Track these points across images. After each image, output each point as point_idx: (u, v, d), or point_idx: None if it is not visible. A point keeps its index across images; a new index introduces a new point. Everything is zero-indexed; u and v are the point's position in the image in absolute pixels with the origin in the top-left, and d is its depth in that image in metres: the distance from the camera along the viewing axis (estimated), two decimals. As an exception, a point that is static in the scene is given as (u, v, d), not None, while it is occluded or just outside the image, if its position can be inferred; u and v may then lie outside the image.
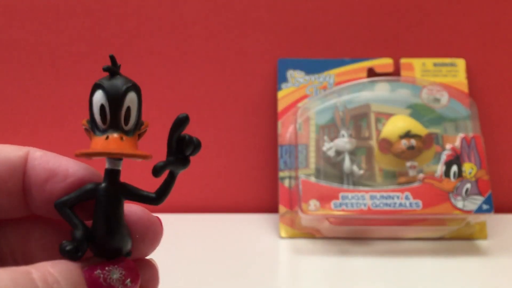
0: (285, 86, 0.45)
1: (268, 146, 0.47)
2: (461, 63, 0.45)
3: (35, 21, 0.47)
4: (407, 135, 0.40)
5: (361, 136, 0.42)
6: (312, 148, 0.42)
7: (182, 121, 0.16)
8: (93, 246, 0.16)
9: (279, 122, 0.44)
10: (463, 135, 0.40)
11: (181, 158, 0.17)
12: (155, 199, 0.17)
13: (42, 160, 0.17)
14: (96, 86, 0.16)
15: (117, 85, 0.16)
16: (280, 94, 0.45)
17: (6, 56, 0.47)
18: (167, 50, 0.47)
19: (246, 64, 0.47)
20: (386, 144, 0.40)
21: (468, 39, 0.47)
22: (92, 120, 0.16)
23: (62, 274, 0.15)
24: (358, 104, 0.43)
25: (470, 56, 0.46)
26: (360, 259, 0.37)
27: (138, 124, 0.17)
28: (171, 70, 0.47)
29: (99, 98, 0.16)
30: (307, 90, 0.45)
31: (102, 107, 0.16)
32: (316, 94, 0.44)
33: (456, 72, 0.45)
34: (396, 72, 0.46)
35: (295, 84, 0.45)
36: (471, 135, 0.40)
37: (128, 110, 0.16)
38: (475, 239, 0.41)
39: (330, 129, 0.42)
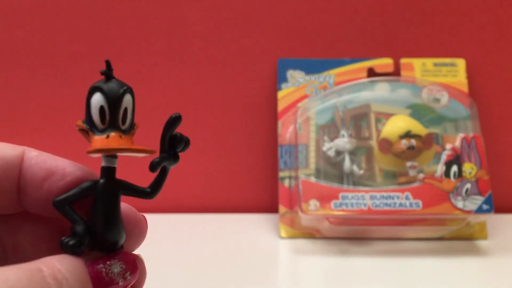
0: (285, 86, 0.45)
1: (268, 146, 0.47)
2: (461, 63, 0.45)
3: (34, 21, 0.47)
4: (407, 135, 0.40)
5: (361, 136, 0.42)
6: (312, 148, 0.42)
7: (175, 120, 0.18)
8: (92, 240, 0.17)
9: (279, 122, 0.44)
10: (463, 135, 0.40)
11: (172, 154, 0.18)
12: (150, 193, 0.18)
13: (38, 159, 0.18)
14: (95, 88, 0.17)
15: (115, 87, 0.17)
16: (280, 94, 0.45)
17: (5, 57, 0.47)
18: (167, 50, 0.47)
19: (246, 64, 0.47)
20: (386, 144, 0.40)
21: (468, 39, 0.47)
22: (90, 121, 0.17)
23: (69, 270, 0.15)
24: (358, 104, 0.43)
25: (470, 56, 0.46)
26: (360, 259, 0.37)
27: (132, 124, 0.18)
28: (171, 70, 0.47)
29: (99, 100, 0.17)
30: (307, 90, 0.45)
31: (102, 108, 0.17)
32: (316, 94, 0.44)
33: (456, 72, 0.45)
34: (396, 72, 0.46)
35: (295, 84, 0.45)
36: (471, 135, 0.40)
37: (125, 111, 0.17)
38: (475, 239, 0.41)
39: (330, 129, 0.42)
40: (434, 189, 0.38)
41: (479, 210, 0.37)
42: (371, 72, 0.45)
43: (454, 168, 0.38)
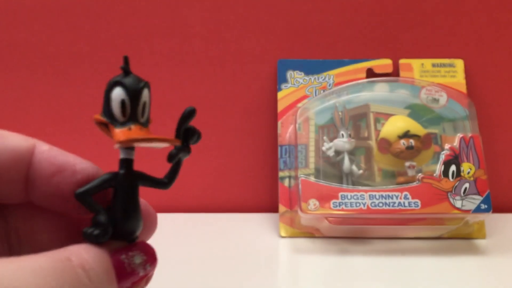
0: (285, 86, 0.45)
1: (268, 146, 0.47)
2: (459, 63, 0.46)
3: (35, 21, 0.47)
4: (406, 135, 0.40)
5: (360, 136, 0.42)
6: (312, 148, 0.42)
7: (190, 113, 0.19)
8: (113, 229, 0.18)
9: (279, 122, 0.45)
10: (461, 135, 0.40)
11: (186, 146, 0.19)
12: (166, 183, 0.19)
13: (49, 154, 0.18)
14: (116, 83, 0.18)
15: (134, 82, 0.18)
16: (280, 94, 0.45)
17: (5, 57, 0.47)
18: (167, 50, 0.47)
19: (246, 65, 0.47)
20: (385, 144, 0.40)
21: (466, 40, 0.47)
22: (110, 114, 0.17)
23: (96, 260, 0.16)
24: (358, 105, 0.43)
25: (468, 57, 0.46)
26: (360, 258, 0.38)
27: (149, 117, 0.19)
28: (171, 70, 0.47)
29: (120, 93, 0.17)
30: (307, 91, 0.45)
31: (123, 102, 0.17)
32: (316, 95, 0.45)
33: (455, 73, 0.45)
34: (395, 72, 0.46)
35: (295, 85, 0.45)
36: (470, 135, 0.40)
37: (144, 104, 0.18)
38: (473, 239, 0.41)
39: (330, 129, 0.42)
40: (432, 188, 0.38)
41: (478, 210, 0.37)
42: (370, 73, 0.46)
43: (453, 168, 0.39)
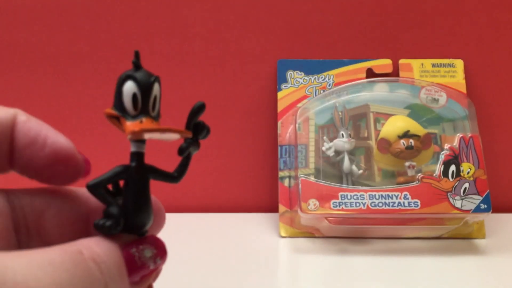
0: (284, 86, 0.45)
1: (268, 146, 0.47)
2: (459, 63, 0.46)
3: (35, 21, 0.47)
4: (406, 135, 0.40)
5: (360, 136, 0.42)
6: (312, 148, 0.42)
7: (199, 108, 0.19)
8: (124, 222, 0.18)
9: (279, 122, 0.45)
10: (461, 135, 0.40)
11: (195, 140, 0.19)
12: (176, 177, 0.19)
13: (25, 126, 0.18)
14: (127, 77, 0.18)
15: (145, 76, 0.18)
16: (280, 94, 0.45)
17: (5, 57, 0.47)
18: (167, 50, 0.47)
19: (246, 65, 0.47)
20: (385, 144, 0.40)
21: (466, 40, 0.47)
22: (122, 108, 0.18)
23: (106, 254, 0.16)
24: (357, 105, 0.43)
25: (468, 57, 0.46)
26: (359, 258, 0.38)
27: (159, 111, 0.19)
28: (171, 70, 0.47)
29: (132, 87, 0.18)
30: (307, 91, 0.45)
31: (135, 95, 0.18)
32: (316, 95, 0.45)
33: (454, 73, 0.45)
34: (395, 72, 0.46)
35: (295, 85, 0.45)
36: (469, 135, 0.40)
37: (154, 98, 0.18)
38: (473, 238, 0.41)
39: (330, 129, 0.42)
40: (432, 188, 0.38)
41: (477, 210, 0.37)
42: (370, 73, 0.46)
43: (452, 168, 0.39)
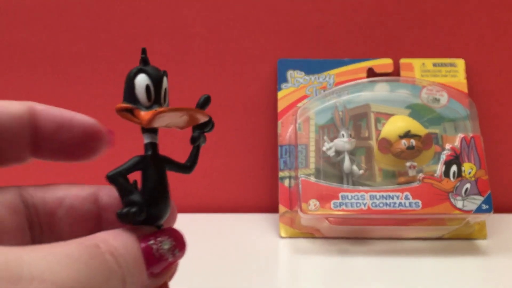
0: (285, 86, 0.45)
1: (268, 146, 0.47)
2: (460, 63, 0.45)
3: (34, 21, 0.47)
4: (407, 135, 0.40)
5: (360, 136, 0.42)
6: (312, 148, 0.42)
7: (205, 100, 0.20)
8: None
9: (279, 122, 0.44)
10: (462, 135, 0.40)
11: (202, 133, 0.20)
12: (189, 167, 0.20)
13: (47, 113, 0.19)
14: (139, 70, 0.18)
15: (155, 70, 0.19)
16: (280, 94, 0.45)
17: (7, 57, 0.47)
18: (167, 50, 0.47)
19: (246, 64, 0.47)
20: (386, 144, 0.40)
21: (467, 40, 0.47)
22: (135, 100, 0.18)
23: (124, 247, 0.16)
24: (358, 104, 0.43)
25: (469, 56, 0.46)
26: (360, 259, 0.37)
27: (169, 104, 0.19)
28: (171, 70, 0.47)
29: (144, 79, 0.18)
30: (307, 90, 0.45)
31: (148, 87, 0.18)
32: (316, 94, 0.45)
33: (456, 72, 0.45)
34: (396, 72, 0.46)
35: (295, 84, 0.45)
36: (471, 135, 0.40)
37: (165, 91, 0.19)
38: (474, 239, 0.41)
39: (330, 129, 0.42)
40: (433, 189, 0.38)
41: (479, 210, 0.37)
42: (371, 72, 0.45)
43: (454, 168, 0.39)
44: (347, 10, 0.47)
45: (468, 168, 0.39)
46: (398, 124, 0.41)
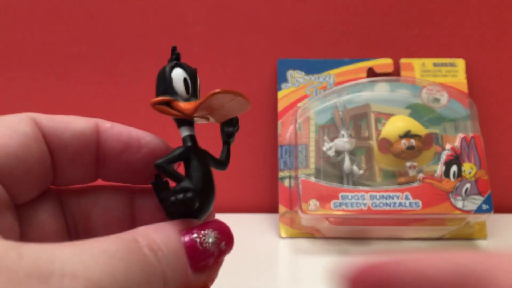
0: (285, 86, 0.45)
1: (268, 146, 0.47)
2: (460, 63, 0.45)
3: (36, 21, 0.47)
4: (407, 135, 0.40)
5: (361, 136, 0.42)
6: (312, 148, 0.42)
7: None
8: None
9: (279, 122, 0.44)
10: (462, 135, 0.40)
11: (236, 129, 0.21)
12: (225, 162, 0.20)
13: (113, 132, 0.18)
14: (175, 65, 0.19)
15: (189, 66, 0.19)
16: (280, 94, 0.45)
17: (7, 57, 0.47)
18: (167, 50, 0.47)
19: (246, 64, 0.47)
20: (386, 144, 0.40)
21: (467, 39, 0.47)
22: (174, 93, 0.18)
23: (164, 242, 0.15)
24: (358, 104, 0.43)
25: (469, 56, 0.46)
26: (360, 259, 0.37)
27: None
28: (171, 70, 0.47)
29: (181, 73, 0.19)
30: (307, 90, 0.45)
31: (185, 80, 0.19)
32: (316, 94, 0.44)
33: (456, 72, 0.45)
34: (396, 72, 0.46)
35: (295, 84, 0.45)
36: (471, 135, 0.40)
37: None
38: (474, 239, 0.41)
39: (330, 129, 0.42)
40: (433, 189, 0.38)
41: (479, 210, 0.37)
42: (371, 72, 0.45)
43: (454, 168, 0.39)
44: (347, 10, 0.47)
45: (468, 168, 0.38)
46: (398, 124, 0.41)
